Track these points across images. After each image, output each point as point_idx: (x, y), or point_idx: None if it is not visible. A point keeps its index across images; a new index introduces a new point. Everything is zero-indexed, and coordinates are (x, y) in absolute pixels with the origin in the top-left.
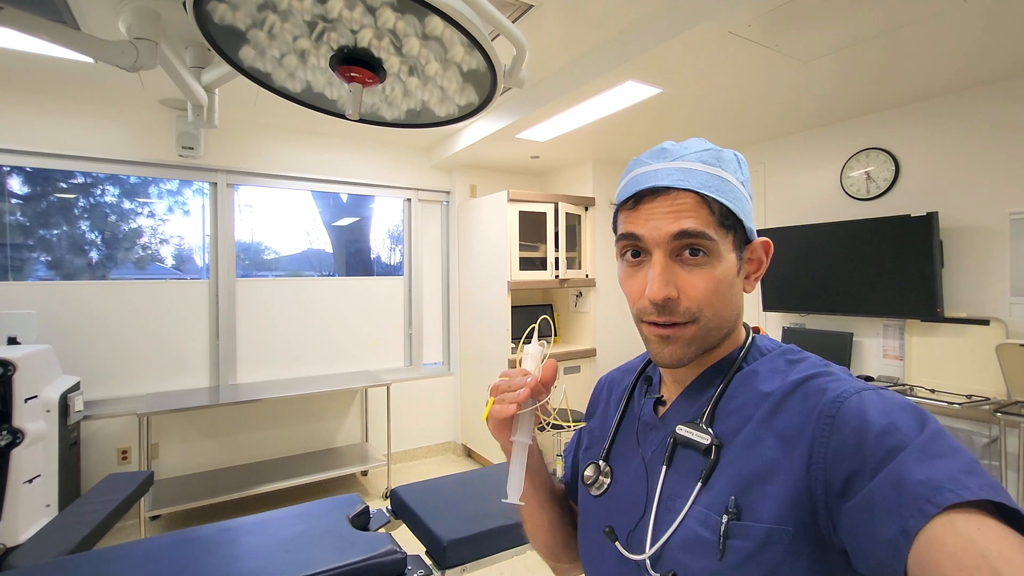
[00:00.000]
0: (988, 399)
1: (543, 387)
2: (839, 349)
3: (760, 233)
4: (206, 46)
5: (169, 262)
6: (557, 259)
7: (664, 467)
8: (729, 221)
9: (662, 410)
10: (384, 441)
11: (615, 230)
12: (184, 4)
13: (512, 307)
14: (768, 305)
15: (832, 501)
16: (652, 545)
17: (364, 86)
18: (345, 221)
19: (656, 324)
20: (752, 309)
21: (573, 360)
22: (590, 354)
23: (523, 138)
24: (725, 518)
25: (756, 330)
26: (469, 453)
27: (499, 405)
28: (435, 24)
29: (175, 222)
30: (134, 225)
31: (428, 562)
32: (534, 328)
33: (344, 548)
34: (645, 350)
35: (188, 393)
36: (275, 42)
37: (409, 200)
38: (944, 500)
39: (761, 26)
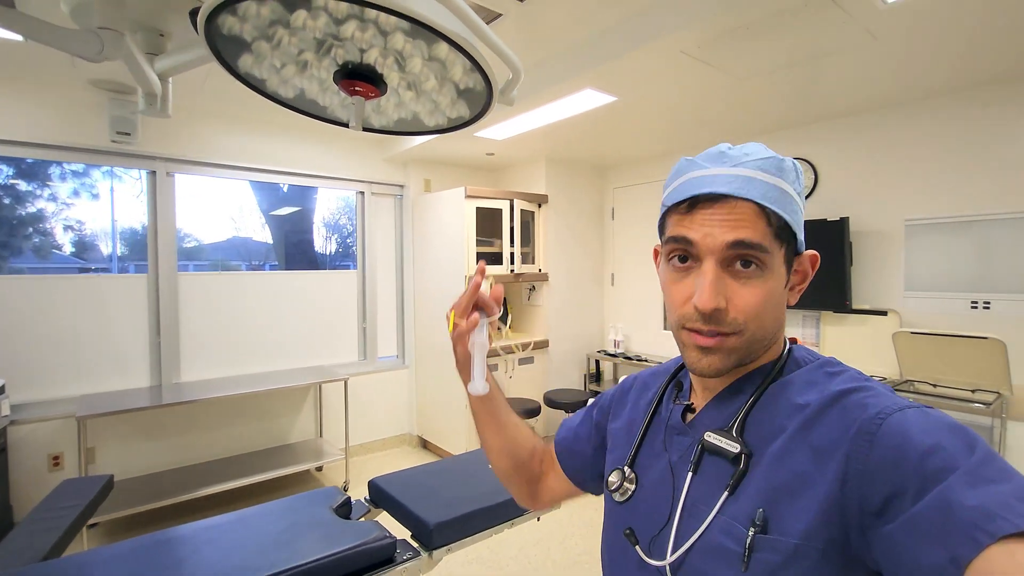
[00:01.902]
0: (885, 379)
1: (494, 301)
2: None
3: None
4: (159, 32)
5: (68, 249)
6: (512, 254)
7: (690, 473)
8: (784, 234)
9: (691, 417)
10: (338, 435)
11: (661, 230)
12: (193, 19)
13: None
14: None
15: (868, 520)
16: (674, 551)
17: (366, 99)
18: (285, 210)
19: (699, 333)
20: None
21: (527, 351)
22: (543, 345)
23: (481, 136)
24: (752, 531)
25: (793, 340)
26: (425, 444)
27: (462, 319)
28: (441, 48)
29: (81, 207)
30: (32, 209)
31: (415, 545)
32: (481, 259)
33: (334, 537)
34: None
35: (127, 394)
36: (278, 53)
37: (362, 193)
38: (998, 529)
39: (707, 47)
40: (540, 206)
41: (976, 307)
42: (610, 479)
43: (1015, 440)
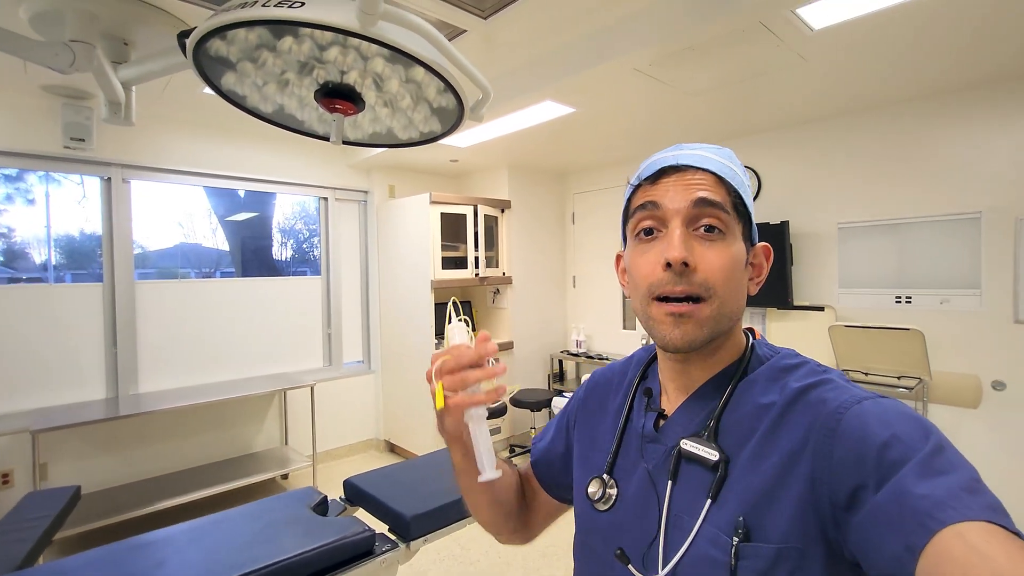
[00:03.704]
0: None
1: (487, 358)
2: None
3: None
4: (123, 41)
5: None
6: (477, 258)
7: (670, 482)
8: (741, 210)
9: (662, 422)
10: (304, 442)
11: (627, 213)
12: (182, 43)
13: (435, 304)
14: None
15: (840, 515)
16: (665, 565)
17: (345, 116)
18: (242, 216)
19: (670, 300)
20: None
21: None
22: (507, 347)
23: (446, 144)
24: (735, 539)
25: (750, 330)
26: (392, 448)
27: (463, 394)
28: (417, 71)
29: (13, 213)
30: None
31: (393, 537)
32: (455, 304)
33: (314, 533)
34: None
35: (82, 406)
36: (261, 73)
37: (326, 199)
38: (948, 518)
39: (658, 66)
40: (503, 211)
41: (900, 302)
42: (589, 489)
43: (935, 420)
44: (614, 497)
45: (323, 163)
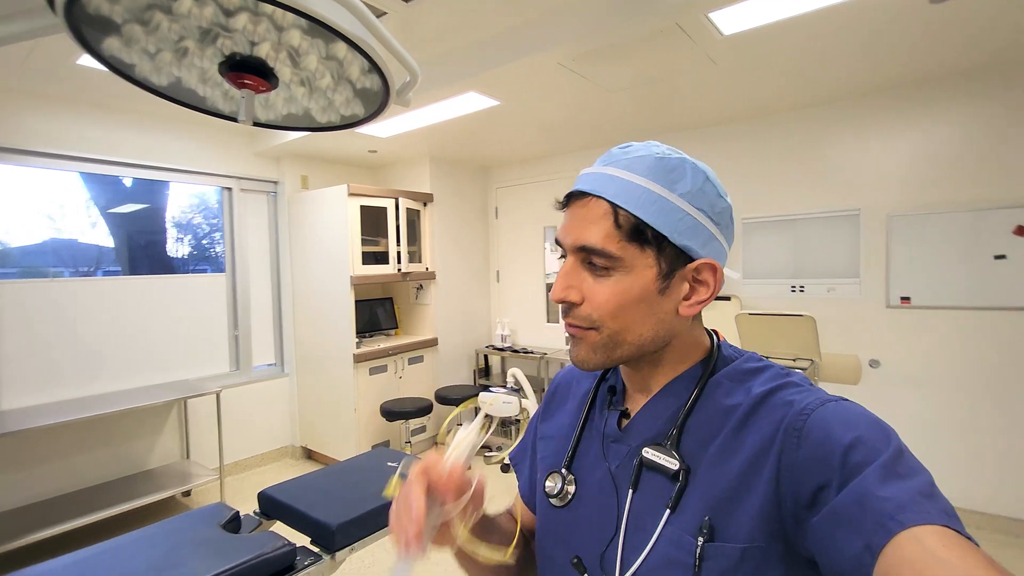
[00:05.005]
0: None
1: (458, 489)
2: None
3: None
4: None
5: None
6: (399, 253)
7: (631, 490)
8: (646, 235)
9: (625, 422)
10: (209, 455)
11: None
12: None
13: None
14: None
15: (801, 513)
16: (624, 570)
17: (256, 93)
18: (129, 208)
19: (567, 323)
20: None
21: (416, 351)
22: (432, 344)
23: (364, 132)
24: (700, 540)
25: (714, 332)
26: (310, 455)
27: (399, 533)
28: (339, 47)
29: None
30: None
31: (315, 550)
32: (473, 409)
33: (227, 552)
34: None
35: None
36: (153, 39)
37: (230, 189)
38: (908, 520)
39: (580, 61)
40: (426, 205)
41: (795, 290)
42: (547, 484)
43: None
44: (571, 494)
45: (226, 150)
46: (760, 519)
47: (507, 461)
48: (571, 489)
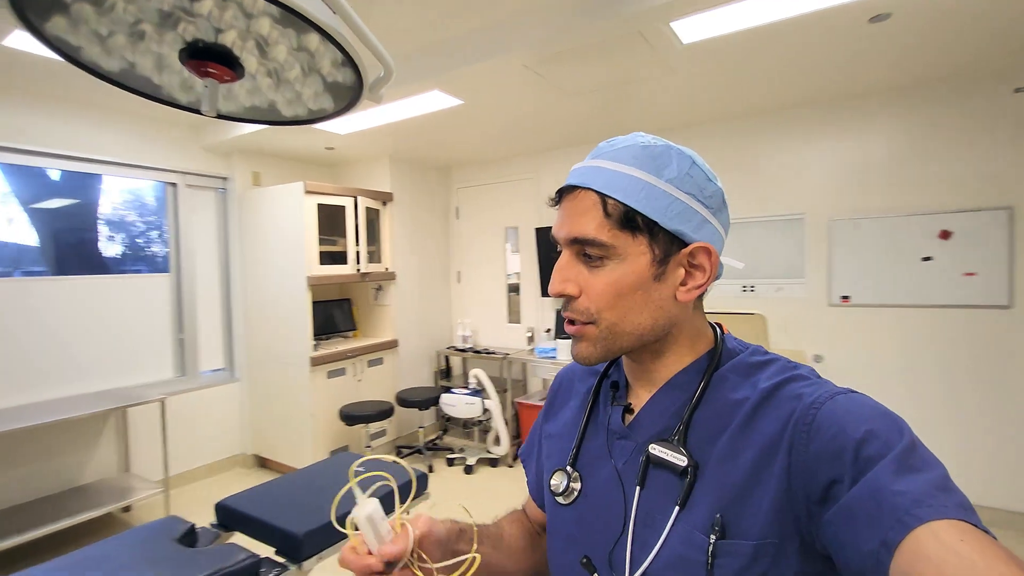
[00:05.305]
0: None
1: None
2: None
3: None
4: None
5: None
6: (358, 253)
7: (638, 487)
8: (636, 223)
9: (629, 418)
10: (152, 467)
11: None
12: None
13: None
14: (546, 291)
15: (814, 508)
16: (634, 568)
17: (220, 82)
18: (56, 203)
19: (567, 321)
20: (534, 293)
21: (376, 352)
22: (392, 345)
23: (322, 128)
24: (712, 538)
25: (718, 324)
26: (263, 463)
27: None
28: (312, 38)
29: None
30: None
31: (281, 560)
32: (350, 488)
33: (185, 568)
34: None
35: None
36: (105, 20)
37: (174, 185)
38: (924, 515)
39: (544, 64)
40: (385, 204)
41: (746, 290)
42: (553, 482)
43: None
44: (577, 491)
45: (170, 143)
46: (772, 515)
47: (471, 463)
48: (576, 487)
